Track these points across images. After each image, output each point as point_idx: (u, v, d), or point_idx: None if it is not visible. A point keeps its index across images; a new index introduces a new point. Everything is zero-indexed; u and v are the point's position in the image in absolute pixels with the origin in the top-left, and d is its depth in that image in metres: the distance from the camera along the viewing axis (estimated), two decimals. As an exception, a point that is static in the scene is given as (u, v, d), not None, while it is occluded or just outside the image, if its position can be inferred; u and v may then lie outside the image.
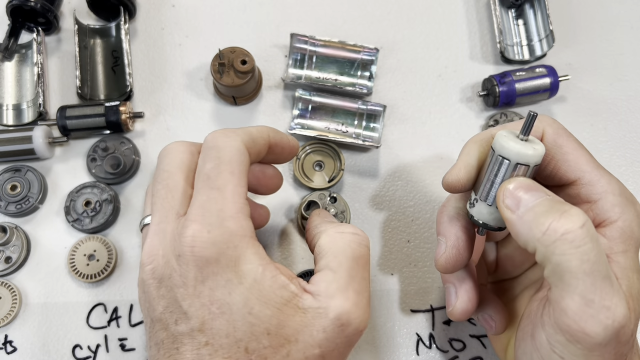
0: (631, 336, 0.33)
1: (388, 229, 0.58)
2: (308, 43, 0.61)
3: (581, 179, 0.36)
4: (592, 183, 0.36)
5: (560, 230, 0.31)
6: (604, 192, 0.35)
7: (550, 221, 0.32)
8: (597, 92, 0.63)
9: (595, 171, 0.36)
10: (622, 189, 0.36)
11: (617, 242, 0.34)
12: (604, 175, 0.36)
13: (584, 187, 0.36)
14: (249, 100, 0.62)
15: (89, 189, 0.58)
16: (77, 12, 0.63)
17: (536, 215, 0.33)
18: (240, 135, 0.39)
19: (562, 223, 0.31)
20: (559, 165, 0.37)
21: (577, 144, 0.38)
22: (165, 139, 0.61)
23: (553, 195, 0.34)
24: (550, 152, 0.38)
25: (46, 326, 0.55)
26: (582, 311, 0.31)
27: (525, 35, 0.65)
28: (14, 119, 0.61)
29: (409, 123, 0.62)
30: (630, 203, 0.36)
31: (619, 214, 0.35)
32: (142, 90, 0.63)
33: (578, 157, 0.37)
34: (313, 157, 0.59)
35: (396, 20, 0.66)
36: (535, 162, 0.35)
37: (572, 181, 0.37)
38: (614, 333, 0.31)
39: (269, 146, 0.42)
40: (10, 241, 0.56)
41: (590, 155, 0.38)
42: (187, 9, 0.66)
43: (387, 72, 0.64)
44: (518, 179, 0.35)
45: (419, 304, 0.56)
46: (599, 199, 0.35)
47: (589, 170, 0.36)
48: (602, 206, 0.35)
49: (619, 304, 0.31)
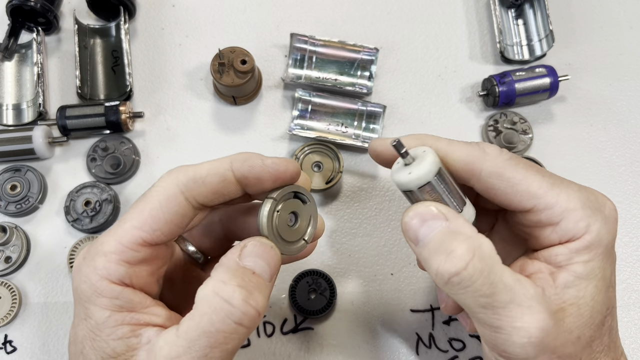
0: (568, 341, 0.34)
1: (388, 229, 0.58)
2: (308, 43, 0.61)
3: (537, 205, 0.35)
4: (549, 206, 0.35)
5: (446, 276, 0.32)
6: (565, 211, 0.34)
7: (438, 265, 0.33)
8: (597, 92, 0.63)
9: (550, 192, 0.35)
10: (586, 199, 0.35)
11: (582, 253, 0.34)
12: (562, 192, 0.35)
13: (543, 212, 0.35)
14: (249, 100, 0.62)
15: (89, 188, 0.58)
16: (77, 12, 0.63)
17: (429, 255, 0.34)
18: (177, 174, 0.35)
19: (447, 267, 0.32)
20: (511, 197, 0.36)
21: (526, 171, 0.36)
22: (165, 139, 0.61)
23: (450, 220, 0.34)
24: (496, 186, 0.36)
25: (46, 326, 0.55)
26: (495, 338, 0.33)
27: (525, 35, 0.65)
28: (14, 119, 0.61)
29: (408, 123, 0.62)
30: (597, 211, 0.35)
31: (584, 229, 0.34)
32: (142, 90, 0.63)
33: (529, 185, 0.35)
34: (312, 158, 0.59)
35: (396, 20, 0.66)
36: (418, 184, 0.34)
37: (529, 209, 0.35)
38: (535, 348, 0.32)
39: (237, 181, 0.36)
40: (10, 241, 0.56)
41: (542, 176, 0.36)
42: (187, 9, 0.66)
43: (387, 72, 0.64)
44: (416, 206, 0.35)
45: (418, 304, 0.56)
46: (560, 220, 0.34)
47: (543, 194, 0.35)
48: (565, 226, 0.34)
49: (531, 321, 0.32)
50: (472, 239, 0.33)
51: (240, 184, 0.36)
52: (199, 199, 0.35)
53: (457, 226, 0.34)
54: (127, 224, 0.34)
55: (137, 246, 0.34)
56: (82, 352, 0.34)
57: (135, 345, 0.33)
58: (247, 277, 0.33)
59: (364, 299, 0.56)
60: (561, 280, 0.34)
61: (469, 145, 0.37)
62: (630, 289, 0.57)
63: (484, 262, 0.32)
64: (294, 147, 0.61)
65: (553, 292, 0.34)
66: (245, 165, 0.35)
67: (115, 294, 0.33)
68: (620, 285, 0.57)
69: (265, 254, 0.35)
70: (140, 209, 0.34)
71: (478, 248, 0.33)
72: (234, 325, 0.31)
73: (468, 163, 0.36)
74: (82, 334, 0.34)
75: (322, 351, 0.55)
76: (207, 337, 0.31)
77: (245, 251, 0.34)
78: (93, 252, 0.34)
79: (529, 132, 0.61)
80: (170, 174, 0.36)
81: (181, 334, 0.32)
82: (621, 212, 0.59)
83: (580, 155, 0.61)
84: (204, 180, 0.35)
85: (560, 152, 0.61)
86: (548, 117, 0.63)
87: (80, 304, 0.34)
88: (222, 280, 0.32)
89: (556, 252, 0.35)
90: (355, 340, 0.55)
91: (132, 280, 0.34)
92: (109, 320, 0.33)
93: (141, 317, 0.34)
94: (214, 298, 0.32)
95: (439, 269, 0.33)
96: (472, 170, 0.36)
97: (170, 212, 0.34)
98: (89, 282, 0.33)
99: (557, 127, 0.62)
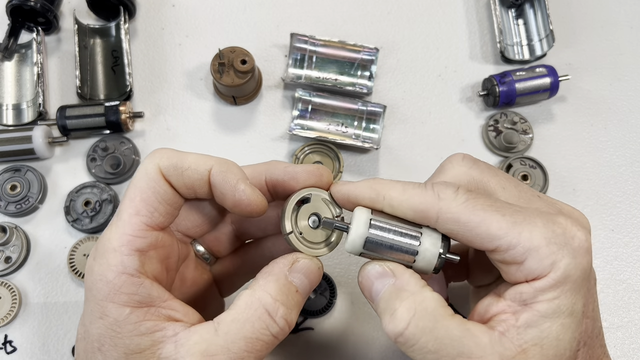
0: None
1: (388, 229, 0.58)
2: (308, 43, 0.61)
3: (499, 246, 0.33)
4: (512, 246, 0.33)
5: (392, 335, 0.33)
6: (527, 250, 0.33)
7: (385, 325, 0.34)
8: (597, 92, 0.63)
9: (512, 232, 0.33)
10: (551, 235, 0.33)
11: (546, 291, 0.33)
12: (525, 230, 0.33)
13: (507, 252, 0.33)
14: (249, 100, 0.62)
15: (88, 188, 0.58)
16: (77, 12, 0.63)
17: (379, 313, 0.35)
18: (160, 158, 0.36)
19: (392, 327, 0.33)
20: (471, 240, 0.34)
21: (484, 212, 0.34)
22: (165, 139, 0.61)
23: (397, 276, 0.35)
24: (455, 231, 0.35)
25: (46, 326, 0.55)
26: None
27: (525, 35, 0.65)
28: (13, 119, 0.61)
29: (409, 123, 0.62)
30: (563, 246, 0.33)
31: (549, 267, 0.33)
32: (142, 90, 0.63)
33: (488, 227, 0.34)
34: (312, 158, 0.59)
35: (396, 20, 0.66)
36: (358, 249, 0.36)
37: (492, 249, 0.34)
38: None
39: (208, 184, 0.36)
40: (10, 241, 0.56)
41: (502, 215, 0.34)
42: (187, 9, 0.66)
43: (387, 72, 0.64)
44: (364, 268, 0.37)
45: (418, 304, 0.56)
46: (524, 260, 0.33)
47: (503, 234, 0.33)
48: (529, 266, 0.33)
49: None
50: (415, 296, 0.34)
51: (210, 188, 0.37)
52: (176, 187, 0.36)
53: (402, 283, 0.35)
54: (124, 214, 0.35)
55: (142, 232, 0.35)
56: (100, 350, 0.34)
57: (160, 339, 0.34)
58: (291, 294, 0.35)
59: (364, 299, 0.56)
60: (524, 320, 0.33)
61: (422, 192, 0.36)
62: (630, 289, 0.57)
63: (425, 319, 0.33)
64: (294, 147, 0.61)
65: (515, 333, 0.33)
66: (221, 177, 0.36)
67: (134, 289, 0.34)
68: (620, 285, 0.57)
69: (312, 275, 0.37)
70: (131, 197, 0.35)
71: (420, 305, 0.33)
72: (271, 337, 0.34)
73: (421, 211, 0.35)
74: (98, 332, 0.34)
75: (322, 351, 0.55)
76: (246, 342, 0.33)
77: (296, 266, 0.36)
78: (102, 251, 0.34)
79: (529, 132, 0.61)
80: (154, 155, 0.36)
81: (221, 334, 0.33)
82: (621, 212, 0.60)
83: (581, 155, 0.61)
84: (184, 172, 0.36)
85: (560, 152, 0.61)
86: (548, 117, 0.63)
87: (95, 302, 0.34)
88: (269, 293, 0.35)
89: (521, 290, 0.34)
90: (355, 340, 0.55)
91: (146, 269, 0.35)
92: (130, 317, 0.34)
93: (163, 312, 0.35)
94: (259, 308, 0.34)
95: (386, 329, 0.34)
96: (426, 218, 0.35)
97: (159, 193, 0.35)
98: (105, 279, 0.34)
99: (557, 127, 0.62)
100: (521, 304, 0.34)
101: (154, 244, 0.35)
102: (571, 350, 0.34)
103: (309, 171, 0.38)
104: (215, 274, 0.44)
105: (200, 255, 0.43)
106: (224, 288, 0.45)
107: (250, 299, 0.34)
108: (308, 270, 0.37)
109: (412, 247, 0.36)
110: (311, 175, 0.38)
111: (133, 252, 0.34)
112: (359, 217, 0.36)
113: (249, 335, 0.33)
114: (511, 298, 0.34)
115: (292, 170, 0.38)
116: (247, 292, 0.35)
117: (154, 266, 0.35)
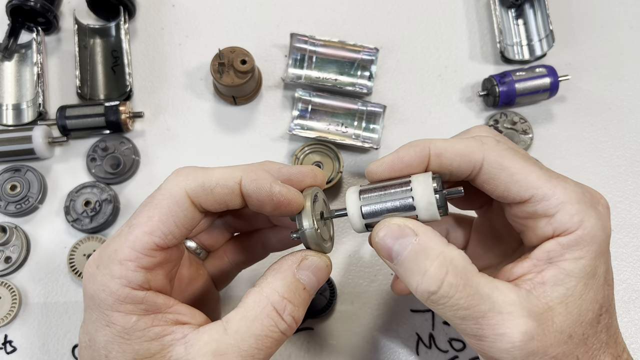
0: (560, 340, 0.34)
1: (388, 229, 0.58)
2: (308, 43, 0.61)
3: (535, 195, 0.35)
4: (546, 197, 0.35)
5: (425, 294, 0.34)
6: (560, 203, 0.34)
7: (416, 285, 0.34)
8: (597, 92, 0.63)
9: (548, 184, 0.35)
10: (581, 195, 0.35)
11: (573, 249, 0.34)
12: (559, 185, 0.35)
13: (540, 203, 0.35)
14: (249, 100, 0.62)
15: (88, 189, 0.58)
16: (77, 12, 0.63)
17: (405, 274, 0.35)
18: (186, 179, 0.35)
19: (425, 287, 0.33)
20: (509, 186, 0.36)
21: (525, 161, 0.36)
22: (165, 139, 0.61)
23: (420, 235, 0.35)
24: (497, 176, 0.36)
25: (46, 326, 0.55)
26: (481, 346, 0.34)
27: (525, 35, 0.65)
28: (13, 119, 0.61)
29: (408, 123, 0.62)
30: (591, 207, 0.35)
31: (578, 223, 0.34)
32: (141, 90, 0.63)
33: (527, 175, 0.35)
34: (312, 158, 0.59)
35: (396, 20, 0.66)
36: (355, 223, 0.37)
37: (527, 199, 0.36)
38: (520, 351, 0.33)
39: (242, 197, 0.36)
40: (10, 241, 0.56)
41: (540, 168, 0.36)
42: (187, 8, 0.66)
43: (387, 72, 0.64)
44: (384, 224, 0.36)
45: (418, 304, 0.56)
46: (556, 212, 0.35)
47: (541, 185, 0.35)
48: (560, 219, 0.35)
49: (513, 327, 0.32)
50: (444, 254, 0.34)
51: (244, 199, 0.36)
52: (206, 206, 0.36)
53: (426, 241, 0.35)
54: (137, 230, 0.34)
55: (151, 251, 0.34)
56: (108, 357, 0.34)
57: (169, 342, 0.34)
58: (298, 292, 0.36)
59: (364, 299, 0.56)
60: (550, 276, 0.34)
61: (466, 139, 0.37)
62: (630, 289, 0.57)
63: (457, 276, 0.33)
64: (294, 147, 0.61)
65: (541, 291, 0.34)
66: (253, 185, 0.36)
67: (139, 299, 0.34)
68: (620, 285, 0.57)
69: (320, 272, 0.37)
70: (149, 215, 0.35)
71: (450, 263, 0.33)
72: (280, 334, 0.35)
73: (467, 155, 0.36)
74: (104, 340, 0.34)
75: (322, 351, 0.55)
76: (256, 339, 0.34)
77: (304, 264, 0.36)
78: (107, 260, 0.34)
79: (529, 132, 0.61)
80: (178, 176, 0.36)
81: (231, 333, 0.34)
82: (621, 212, 0.60)
83: (581, 155, 0.61)
84: (213, 189, 0.35)
85: (560, 152, 0.61)
86: (548, 117, 0.63)
87: (100, 311, 0.34)
88: (277, 290, 0.35)
89: (547, 247, 0.35)
90: (355, 340, 0.55)
91: (151, 285, 0.35)
92: (138, 324, 0.34)
93: (170, 317, 0.35)
94: (267, 306, 0.34)
95: (417, 289, 0.34)
96: (472, 161, 0.36)
97: (179, 217, 0.35)
98: (109, 290, 0.33)
99: (557, 127, 0.62)
100: (547, 262, 0.35)
101: (160, 263, 0.35)
102: (594, 312, 0.34)
103: (303, 172, 0.38)
104: (209, 268, 0.45)
105: (192, 251, 0.43)
106: (219, 281, 0.46)
107: (259, 297, 0.35)
108: (316, 267, 0.37)
109: (407, 195, 0.36)
110: (306, 177, 0.38)
111: (139, 268, 0.34)
112: (350, 195, 0.37)
113: (259, 332, 0.34)
114: (537, 257, 0.35)
115: (287, 171, 0.38)
116: (255, 290, 0.35)
117: (160, 281, 0.35)
